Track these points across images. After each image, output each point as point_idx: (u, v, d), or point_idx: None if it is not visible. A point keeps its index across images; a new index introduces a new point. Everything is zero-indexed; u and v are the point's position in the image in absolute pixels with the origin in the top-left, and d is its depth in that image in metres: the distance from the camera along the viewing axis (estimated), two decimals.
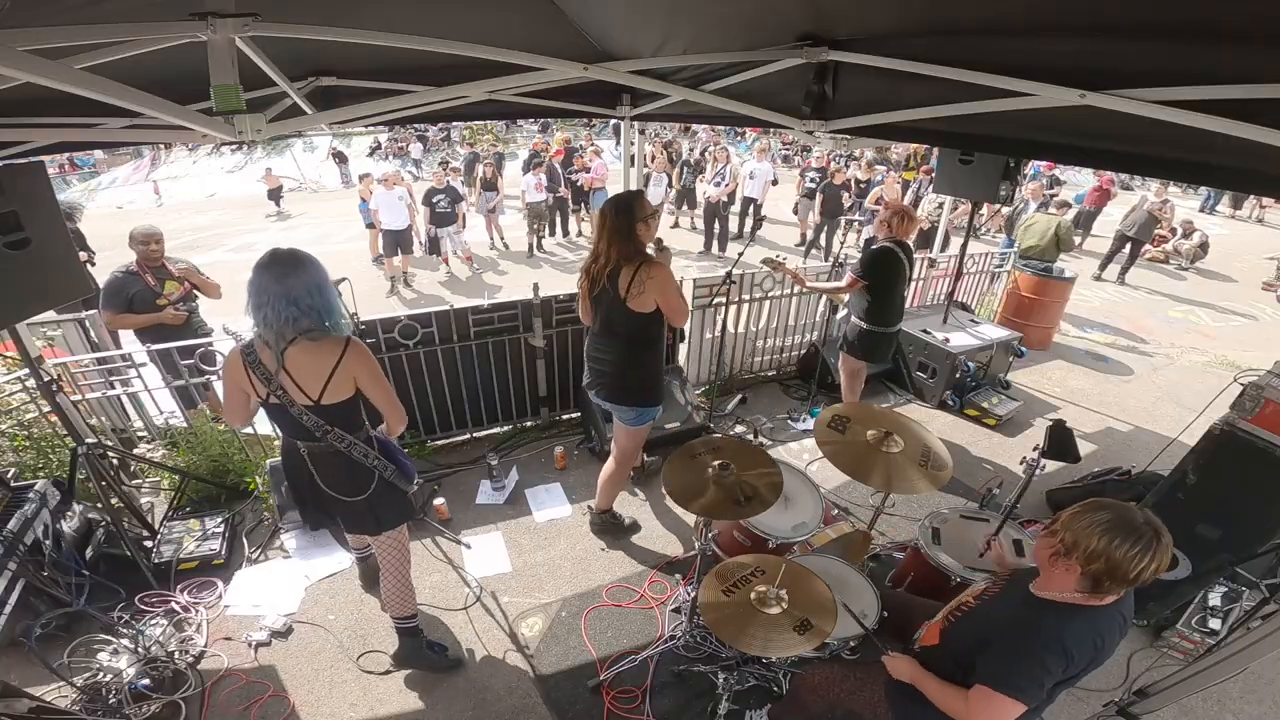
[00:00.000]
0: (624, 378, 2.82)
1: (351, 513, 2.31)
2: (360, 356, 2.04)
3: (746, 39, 2.42)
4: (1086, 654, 1.46)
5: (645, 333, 2.70)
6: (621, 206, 2.56)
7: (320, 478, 2.20)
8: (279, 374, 1.95)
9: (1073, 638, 1.44)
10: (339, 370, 1.99)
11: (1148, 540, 1.35)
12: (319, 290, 1.94)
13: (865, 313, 3.90)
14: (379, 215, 8.44)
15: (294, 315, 1.89)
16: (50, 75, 1.36)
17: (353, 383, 2.06)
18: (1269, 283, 9.81)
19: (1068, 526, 1.43)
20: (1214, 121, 1.45)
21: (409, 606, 2.58)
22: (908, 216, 3.78)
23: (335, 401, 2.04)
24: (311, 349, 1.96)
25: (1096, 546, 1.36)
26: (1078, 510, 1.45)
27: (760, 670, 2.56)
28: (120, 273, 3.72)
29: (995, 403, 4.80)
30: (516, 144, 20.70)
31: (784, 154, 19.82)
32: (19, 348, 2.83)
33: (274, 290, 1.86)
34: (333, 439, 2.08)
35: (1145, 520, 1.38)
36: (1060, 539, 1.43)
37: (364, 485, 2.22)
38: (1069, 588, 1.46)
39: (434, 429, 4.20)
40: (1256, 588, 2.79)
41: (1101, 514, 1.39)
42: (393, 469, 2.27)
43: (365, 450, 2.17)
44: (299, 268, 1.92)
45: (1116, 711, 2.07)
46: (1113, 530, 1.36)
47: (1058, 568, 1.45)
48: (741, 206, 10.57)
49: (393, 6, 2.19)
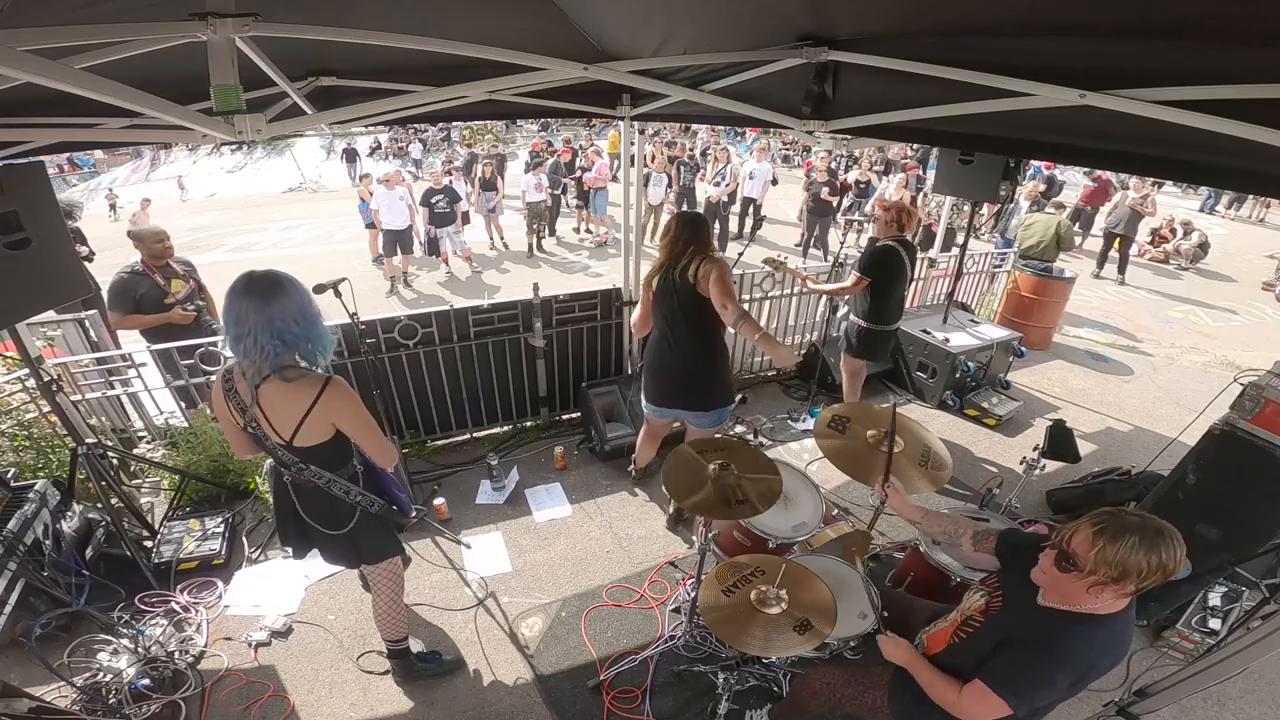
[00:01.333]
0: (700, 379, 2.91)
1: (331, 545, 2.20)
2: (339, 399, 1.86)
3: (746, 39, 2.42)
4: (1111, 659, 1.45)
5: (713, 322, 2.79)
6: (699, 220, 2.85)
7: (302, 507, 2.09)
8: (253, 407, 1.82)
9: (1099, 648, 1.43)
10: (313, 414, 1.82)
11: (1167, 536, 1.34)
12: (303, 317, 1.77)
13: (865, 312, 3.91)
14: (379, 215, 8.44)
15: (275, 349, 1.73)
16: (50, 75, 1.36)
17: (331, 426, 1.90)
18: (1269, 282, 9.81)
19: (1104, 561, 1.35)
20: (1214, 121, 1.45)
21: (400, 630, 2.54)
22: (908, 213, 3.79)
23: (311, 445, 1.91)
24: (285, 389, 1.79)
25: (1149, 566, 1.33)
26: (1096, 540, 1.37)
27: (760, 670, 2.56)
28: (126, 273, 3.68)
29: (995, 403, 4.80)
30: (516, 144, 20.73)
31: (784, 154, 19.82)
32: (19, 348, 2.83)
33: (254, 320, 1.70)
34: (310, 475, 1.96)
35: (1150, 522, 1.37)
36: (1100, 574, 1.37)
37: (344, 520, 2.11)
38: (1108, 603, 1.42)
39: (434, 429, 4.21)
40: (1256, 588, 2.79)
41: (1129, 537, 1.34)
42: (380, 504, 2.13)
43: (346, 487, 2.04)
44: (280, 293, 1.73)
45: (1116, 711, 2.07)
46: (1149, 547, 1.32)
47: (1104, 595, 1.40)
48: (741, 207, 10.58)
49: (393, 6, 2.19)
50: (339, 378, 1.86)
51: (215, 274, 4.26)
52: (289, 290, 1.75)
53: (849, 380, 4.29)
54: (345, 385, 1.87)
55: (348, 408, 1.89)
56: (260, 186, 17.55)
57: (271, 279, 1.75)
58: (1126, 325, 7.60)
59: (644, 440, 3.56)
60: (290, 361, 1.78)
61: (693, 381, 2.91)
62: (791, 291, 4.99)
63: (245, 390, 1.81)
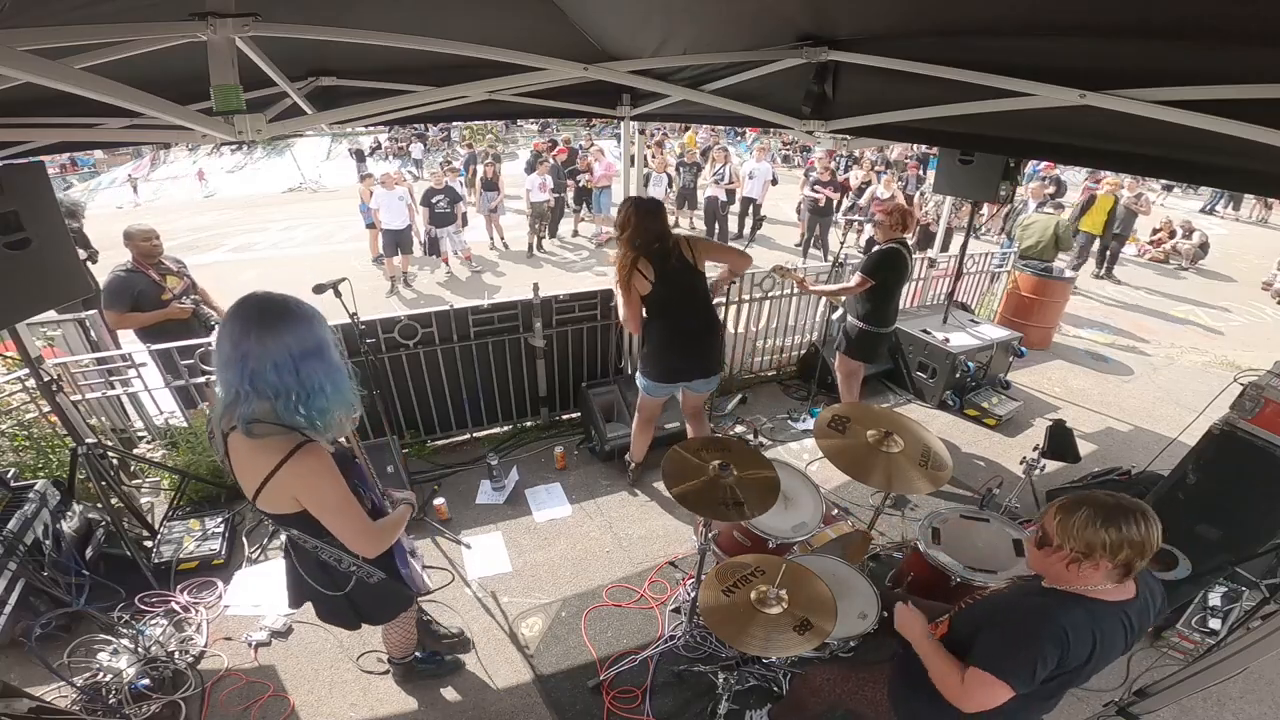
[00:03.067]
0: (716, 342, 3.18)
1: (327, 603, 1.88)
2: (300, 475, 1.43)
3: (746, 39, 2.42)
4: (1084, 646, 1.46)
5: (708, 290, 3.11)
6: (656, 207, 2.98)
7: (296, 558, 1.81)
8: (223, 458, 1.54)
9: (1072, 625, 1.45)
10: (271, 484, 1.44)
11: (1127, 510, 1.40)
12: (291, 365, 1.38)
13: (865, 314, 3.91)
14: (379, 215, 8.44)
15: (243, 394, 1.38)
16: (50, 75, 1.36)
17: (295, 500, 1.50)
18: (1269, 282, 9.81)
19: (1067, 534, 1.43)
20: (1214, 121, 1.45)
21: (407, 651, 2.49)
22: (909, 215, 3.81)
23: (276, 513, 1.56)
24: (249, 445, 1.43)
25: (1110, 539, 1.38)
26: (1057, 513, 1.47)
27: (760, 670, 2.56)
28: (121, 271, 3.67)
29: (995, 403, 4.80)
30: (517, 144, 20.74)
31: (784, 154, 19.82)
32: (19, 348, 2.83)
33: (227, 352, 1.38)
34: (295, 536, 1.67)
35: (1109, 498, 1.43)
36: (1069, 549, 1.44)
37: (341, 583, 1.80)
38: (1098, 582, 1.47)
39: (434, 429, 4.21)
40: (1256, 588, 2.79)
41: (1083, 509, 1.42)
42: (380, 576, 1.81)
43: (337, 555, 1.71)
44: (268, 327, 1.36)
45: (1116, 711, 2.07)
46: (1105, 520, 1.39)
47: (1083, 570, 1.45)
48: (741, 207, 10.59)
49: (393, 6, 2.19)
50: (315, 445, 1.45)
51: (215, 274, 4.28)
52: (282, 326, 1.38)
53: (844, 381, 4.29)
54: (317, 457, 1.45)
55: (310, 487, 1.47)
56: (260, 186, 17.56)
57: (266, 304, 1.39)
58: (1126, 325, 7.60)
59: (640, 429, 3.57)
60: (261, 415, 1.40)
61: (711, 347, 3.17)
62: (791, 291, 4.98)
63: (218, 434, 1.49)
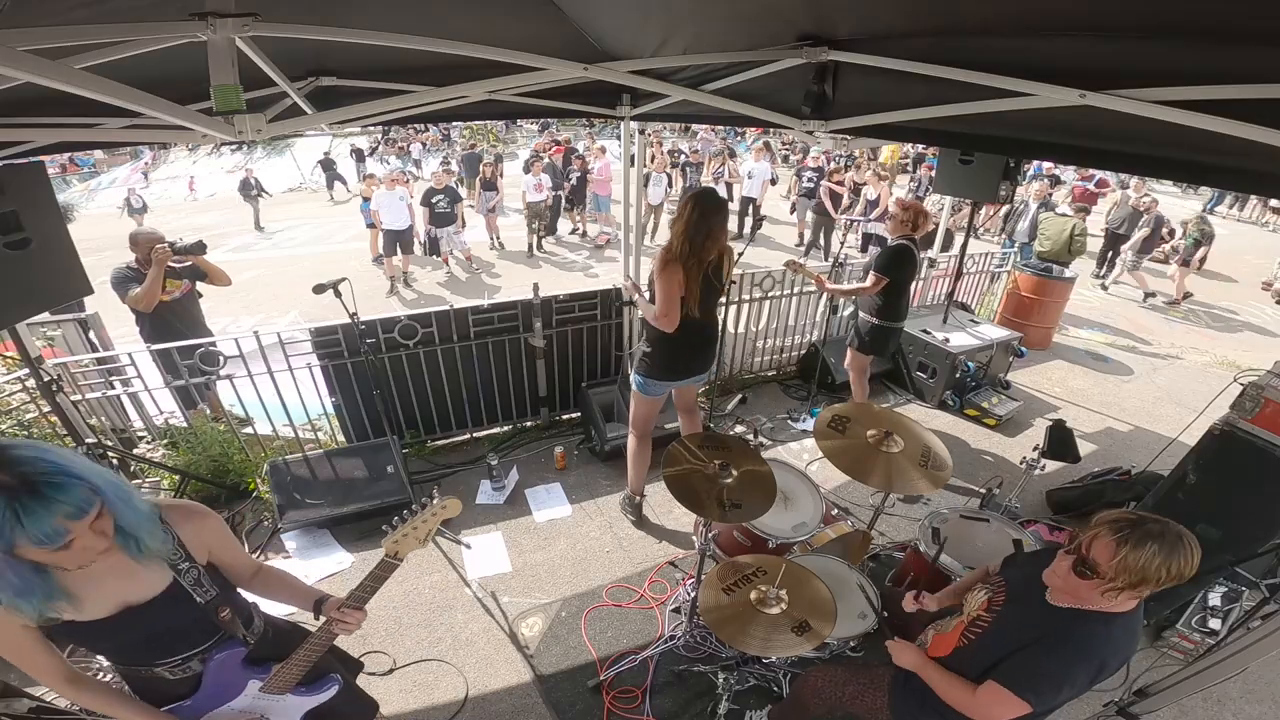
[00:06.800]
0: (715, 345, 3.25)
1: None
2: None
3: (746, 39, 2.42)
4: (1121, 657, 1.46)
5: None
6: (720, 205, 2.81)
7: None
8: None
9: (1114, 644, 1.44)
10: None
11: (1185, 543, 1.34)
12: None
13: (879, 309, 3.94)
14: (379, 215, 8.45)
15: None
16: (50, 75, 1.36)
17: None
18: (1269, 282, 9.81)
19: (1125, 568, 1.35)
20: (1215, 122, 1.45)
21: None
22: (924, 215, 3.84)
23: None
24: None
25: (1168, 573, 1.34)
26: (1119, 548, 1.36)
27: (760, 670, 2.56)
28: (124, 267, 3.70)
29: (995, 403, 4.80)
30: (517, 144, 20.73)
31: (783, 154, 19.82)
32: (19, 348, 2.83)
33: None
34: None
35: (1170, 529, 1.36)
36: (1118, 581, 1.37)
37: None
38: (1121, 605, 1.43)
39: (434, 429, 4.20)
40: (1256, 588, 2.80)
41: (1151, 545, 1.34)
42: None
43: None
44: None
45: (1116, 711, 2.08)
46: (1169, 554, 1.33)
47: (1120, 598, 1.41)
48: (741, 206, 10.57)
49: (393, 6, 2.19)
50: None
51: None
52: None
53: (856, 377, 4.29)
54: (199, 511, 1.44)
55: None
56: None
57: None
58: (1126, 325, 7.60)
59: (638, 448, 3.34)
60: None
61: (713, 350, 3.24)
62: (792, 291, 4.98)
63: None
